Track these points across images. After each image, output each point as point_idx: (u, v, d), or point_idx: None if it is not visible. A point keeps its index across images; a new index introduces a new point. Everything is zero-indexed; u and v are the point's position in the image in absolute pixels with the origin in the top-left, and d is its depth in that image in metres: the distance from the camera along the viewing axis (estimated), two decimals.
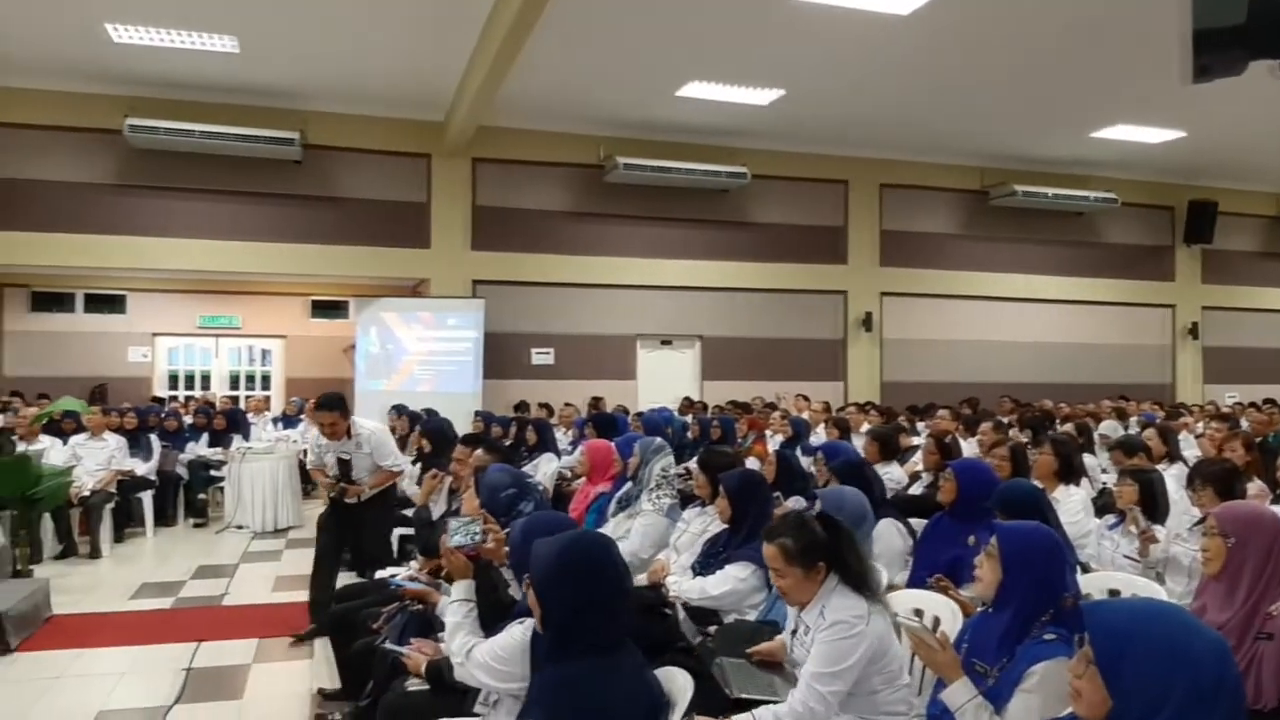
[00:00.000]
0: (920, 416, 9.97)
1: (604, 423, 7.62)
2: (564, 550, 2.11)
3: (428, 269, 11.77)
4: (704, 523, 4.20)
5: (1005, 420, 8.64)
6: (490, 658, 2.46)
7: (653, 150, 12.08)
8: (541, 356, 12.33)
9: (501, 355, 11.81)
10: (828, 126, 12.06)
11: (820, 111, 11.40)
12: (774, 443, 7.99)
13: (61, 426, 8.70)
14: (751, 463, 6.04)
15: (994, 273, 14.18)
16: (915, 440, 8.38)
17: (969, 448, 6.85)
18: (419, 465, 6.98)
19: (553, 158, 12.13)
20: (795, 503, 4.94)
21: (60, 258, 10.78)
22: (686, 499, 4.82)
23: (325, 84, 10.45)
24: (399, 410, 8.89)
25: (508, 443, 7.57)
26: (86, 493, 7.82)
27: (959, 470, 4.00)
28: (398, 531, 6.63)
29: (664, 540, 4.51)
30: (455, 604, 2.78)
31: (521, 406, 10.90)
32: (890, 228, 13.70)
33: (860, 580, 2.63)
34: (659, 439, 5.28)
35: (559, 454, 7.82)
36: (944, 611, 3.11)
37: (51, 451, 7.97)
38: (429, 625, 3.28)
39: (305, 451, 8.24)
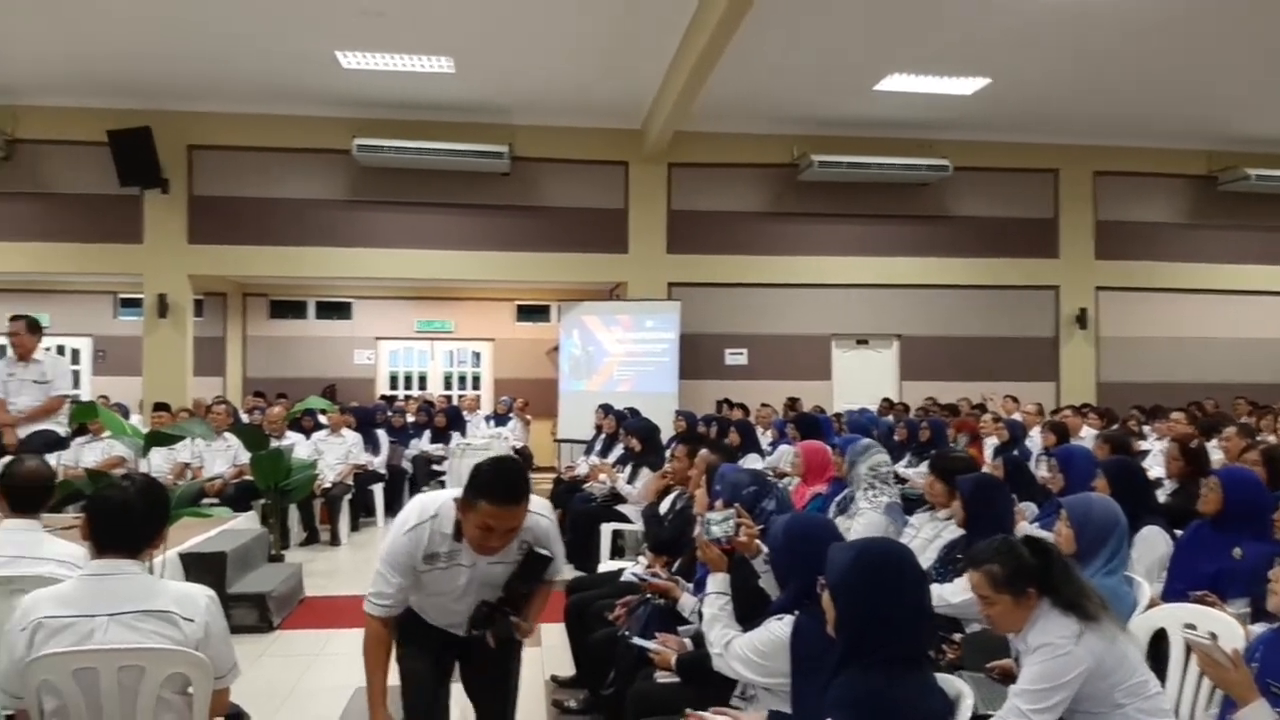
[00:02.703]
0: (1148, 419, 9.31)
1: (808, 424, 7.56)
2: (860, 556, 2.12)
3: (626, 273, 12.07)
4: (936, 528, 4.10)
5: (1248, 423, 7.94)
6: (751, 651, 2.51)
7: (848, 146, 11.88)
8: (735, 357, 12.38)
9: (697, 356, 11.95)
10: (1036, 113, 11.46)
11: (1028, 98, 10.86)
12: (988, 446, 7.69)
13: (302, 423, 9.54)
14: None
15: (1223, 264, 12.98)
16: (1143, 445, 7.86)
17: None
18: (629, 465, 7.19)
19: (746, 159, 12.15)
20: (1028, 509, 4.79)
21: (295, 269, 11.80)
22: (912, 503, 4.70)
23: (531, 98, 10.93)
24: (605, 410, 9.16)
25: None
26: (328, 485, 8.54)
27: (1226, 479, 3.71)
28: (610, 527, 6.86)
29: None
30: (711, 596, 2.86)
31: (723, 405, 11.00)
32: (1106, 218, 12.84)
33: (1072, 603, 2.50)
34: (866, 439, 5.19)
35: (762, 454, 7.85)
36: (1217, 626, 2.91)
37: (296, 447, 8.75)
38: (672, 619, 3.38)
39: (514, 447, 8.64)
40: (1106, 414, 9.56)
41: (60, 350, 12.68)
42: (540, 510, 2.78)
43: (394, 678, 2.85)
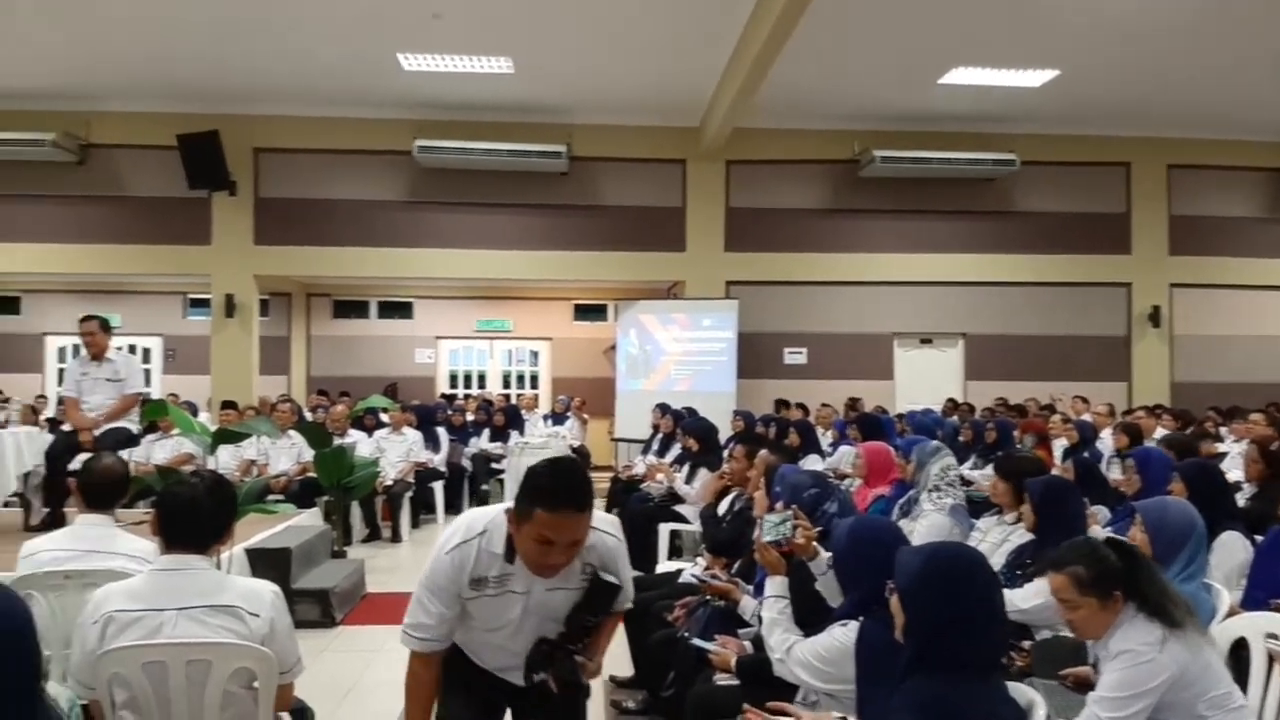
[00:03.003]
0: (1225, 420, 8.98)
1: (870, 425, 7.44)
2: (931, 559, 2.06)
3: (683, 271, 12.03)
4: (1003, 532, 3.99)
5: None
6: (812, 657, 2.46)
7: (911, 141, 11.68)
8: (794, 356, 12.26)
9: (755, 355, 11.85)
10: (1107, 105, 11.14)
11: (1098, 90, 10.56)
12: (1057, 448, 7.48)
13: (364, 422, 9.68)
14: None
15: None
16: (1220, 447, 7.57)
17: None
18: (687, 464, 7.15)
19: (806, 155, 12.02)
20: (1100, 513, 4.64)
21: (358, 269, 11.99)
22: (977, 506, 4.59)
23: (590, 97, 10.95)
24: (663, 409, 9.13)
25: None
26: (389, 482, 8.65)
27: None
28: (668, 527, 6.82)
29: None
30: (770, 600, 2.81)
31: (783, 404, 10.89)
32: (1180, 212, 12.43)
33: (1159, 609, 2.39)
34: (934, 441, 5.09)
35: (823, 455, 7.75)
36: None
37: (359, 445, 8.88)
38: (732, 621, 3.34)
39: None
40: (1182, 415, 9.24)
41: (132, 349, 13.06)
42: (607, 528, 2.41)
43: None
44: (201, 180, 11.03)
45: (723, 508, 4.74)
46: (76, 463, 5.69)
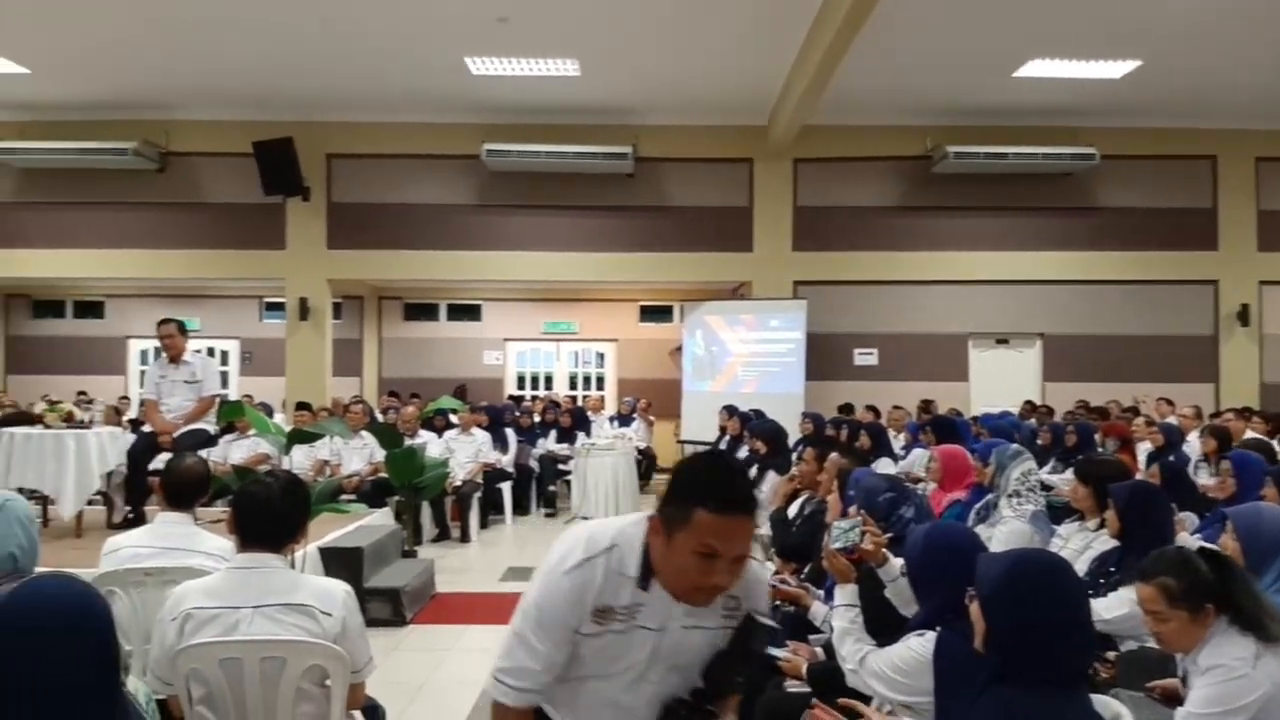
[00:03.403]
0: None
1: (945, 427, 7.25)
2: (1015, 567, 1.98)
3: (750, 272, 11.92)
4: (1085, 539, 3.85)
5: None
6: (888, 668, 2.39)
7: (986, 136, 11.37)
8: (865, 357, 12.06)
9: (824, 356, 11.68)
10: (1191, 96, 10.71)
11: (1182, 80, 10.16)
12: (1141, 452, 7.21)
13: (434, 423, 9.80)
14: None
15: None
16: None
17: None
18: (754, 467, 7.07)
19: (876, 152, 11.82)
20: (1188, 519, 4.45)
21: (428, 272, 12.16)
22: (1056, 512, 4.44)
23: (656, 98, 10.93)
24: (730, 411, 9.06)
25: None
26: (458, 483, 8.74)
27: None
28: None
29: None
30: (841, 609, 2.74)
31: (846, 409, 10.72)
32: (1270, 207, 11.88)
33: (1253, 622, 2.27)
34: (1015, 445, 4.93)
35: (895, 458, 7.60)
36: None
37: (428, 445, 9.00)
38: (802, 627, 3.28)
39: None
40: (1274, 418, 8.84)
41: (210, 352, 13.44)
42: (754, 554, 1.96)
43: None
44: (276, 186, 11.31)
45: (792, 511, 4.67)
46: (157, 462, 5.87)
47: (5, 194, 11.93)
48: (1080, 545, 3.88)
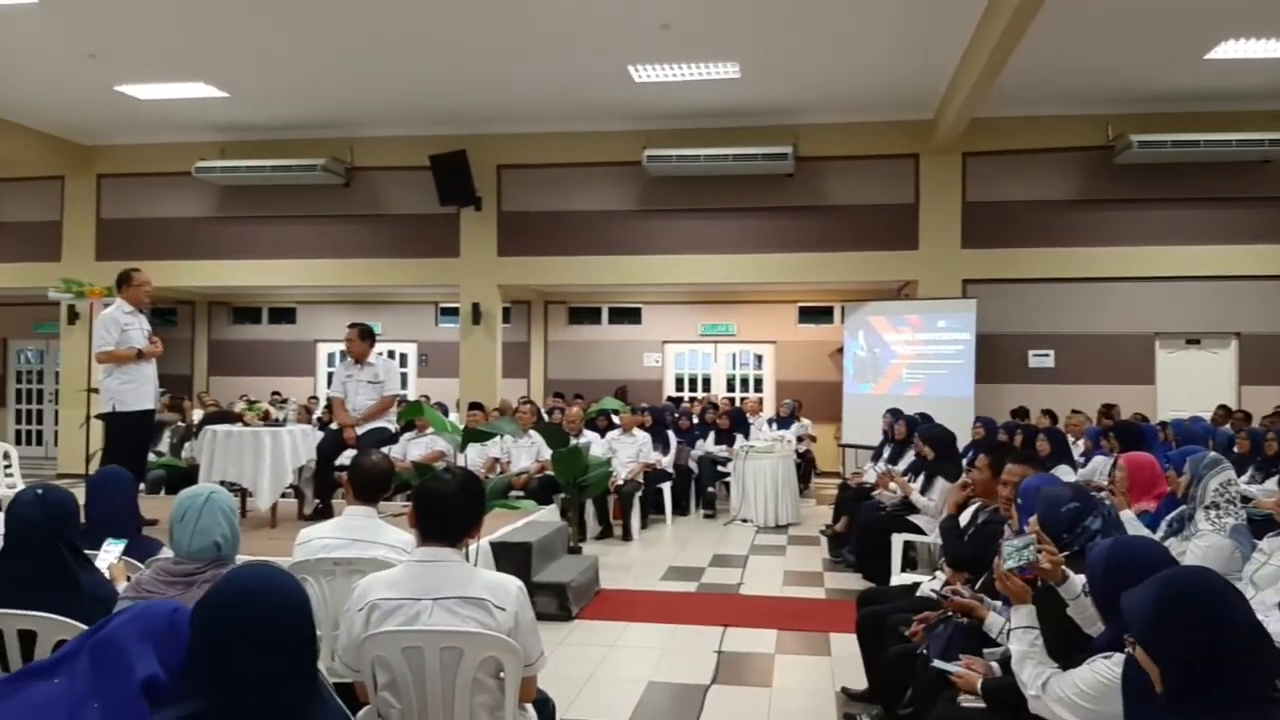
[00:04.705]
0: None
1: (1130, 433, 6.80)
2: (1161, 594, 1.80)
3: (915, 270, 11.55)
4: None
5: None
6: (1073, 693, 2.26)
7: (1174, 123, 10.60)
8: (1040, 359, 11.46)
9: (995, 358, 11.18)
10: None
11: None
12: None
13: (597, 423, 10.01)
14: None
15: None
16: None
17: None
18: (920, 473, 6.86)
19: (1052, 144, 11.20)
20: None
21: (591, 277, 12.44)
22: (1255, 525, 4.08)
23: (816, 96, 10.77)
24: (894, 414, 8.81)
25: None
26: (620, 482, 8.89)
27: None
28: (902, 538, 6.57)
29: (1228, 567, 3.86)
30: (1019, 631, 2.61)
31: (1020, 413, 10.21)
32: None
33: None
34: (1213, 453, 4.57)
35: (1075, 466, 7.19)
36: None
37: (592, 445, 9.19)
38: (977, 639, 3.15)
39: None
40: None
41: (391, 355, 14.21)
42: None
43: None
44: (451, 197, 11.86)
45: (963, 519, 4.49)
46: (344, 458, 6.26)
47: (207, 209, 13.05)
48: None
